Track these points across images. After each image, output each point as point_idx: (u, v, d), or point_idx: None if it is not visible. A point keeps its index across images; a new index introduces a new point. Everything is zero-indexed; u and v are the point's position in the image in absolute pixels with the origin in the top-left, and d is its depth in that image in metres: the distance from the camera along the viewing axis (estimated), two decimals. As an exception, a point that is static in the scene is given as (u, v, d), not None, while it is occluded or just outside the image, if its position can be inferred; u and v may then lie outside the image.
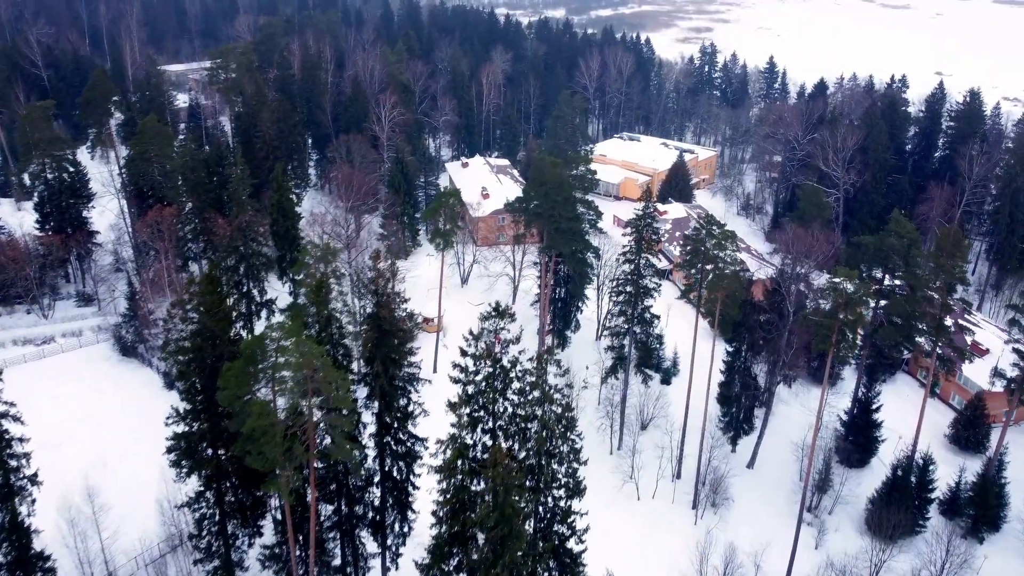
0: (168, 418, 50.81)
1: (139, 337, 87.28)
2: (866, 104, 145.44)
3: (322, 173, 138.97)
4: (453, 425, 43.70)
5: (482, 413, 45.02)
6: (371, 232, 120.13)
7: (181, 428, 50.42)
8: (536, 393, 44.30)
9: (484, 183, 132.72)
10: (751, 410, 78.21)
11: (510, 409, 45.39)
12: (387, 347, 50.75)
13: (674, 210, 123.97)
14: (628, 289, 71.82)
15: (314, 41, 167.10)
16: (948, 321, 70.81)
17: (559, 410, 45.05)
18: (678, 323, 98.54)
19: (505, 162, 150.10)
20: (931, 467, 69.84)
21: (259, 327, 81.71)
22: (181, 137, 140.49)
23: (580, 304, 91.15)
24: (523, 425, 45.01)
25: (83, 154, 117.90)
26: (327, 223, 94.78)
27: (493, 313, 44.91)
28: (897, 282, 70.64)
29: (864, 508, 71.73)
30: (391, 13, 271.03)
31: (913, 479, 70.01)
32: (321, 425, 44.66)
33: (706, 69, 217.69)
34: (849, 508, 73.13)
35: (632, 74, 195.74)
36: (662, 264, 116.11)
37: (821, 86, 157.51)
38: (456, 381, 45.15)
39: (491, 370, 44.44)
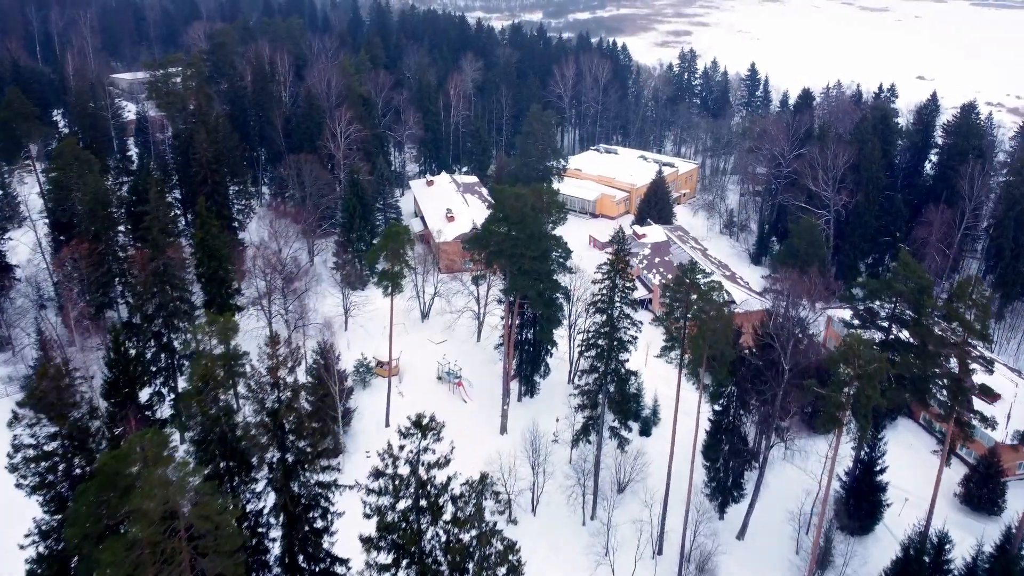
0: (27, 536, 40.95)
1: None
2: (854, 115, 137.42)
3: (276, 192, 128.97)
4: (368, 565, 34.27)
5: (402, 554, 35.52)
6: (326, 261, 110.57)
7: (43, 549, 40.62)
8: (472, 532, 34.90)
9: (449, 204, 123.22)
10: (741, 473, 69.25)
11: (439, 547, 35.87)
12: (293, 453, 41.08)
13: (653, 233, 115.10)
14: (601, 343, 62.62)
15: (270, 50, 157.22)
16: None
17: (501, 547, 35.70)
18: (658, 362, 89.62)
19: (473, 179, 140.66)
20: (947, 546, 61.12)
21: (182, 383, 71.83)
22: (126, 154, 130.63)
23: (549, 347, 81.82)
24: (457, 562, 35.55)
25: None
26: (270, 254, 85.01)
27: (413, 429, 35.43)
28: (905, 332, 61.98)
29: (871, 588, 63.09)
30: (360, 19, 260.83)
31: (927, 558, 61.28)
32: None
33: (685, 76, 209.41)
34: (854, 587, 64.51)
35: (609, 82, 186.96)
36: (639, 293, 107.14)
37: (806, 97, 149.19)
38: (368, 516, 35.63)
39: (413, 499, 34.91)
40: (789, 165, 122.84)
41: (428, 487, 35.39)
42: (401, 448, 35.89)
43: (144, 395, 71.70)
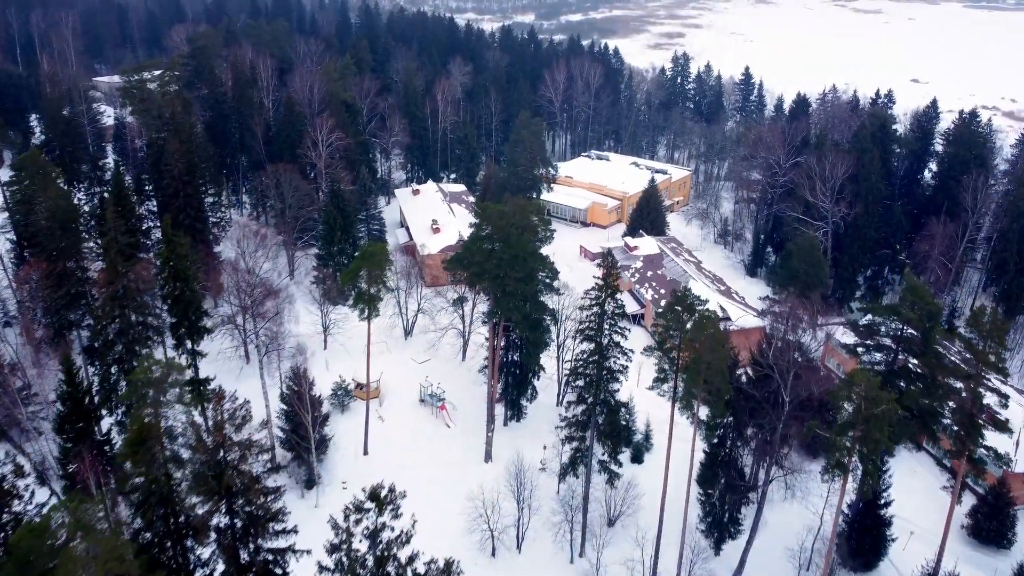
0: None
1: (11, 419, 72.88)
2: (851, 122, 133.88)
3: (257, 203, 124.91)
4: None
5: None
6: (307, 274, 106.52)
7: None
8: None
9: (435, 214, 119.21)
10: (738, 508, 65.44)
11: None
12: (242, 518, 37.06)
13: (645, 245, 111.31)
14: (589, 372, 58.71)
15: (253, 54, 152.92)
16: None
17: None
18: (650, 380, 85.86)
19: (461, 188, 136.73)
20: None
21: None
22: (98, 163, 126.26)
23: (536, 371, 77.87)
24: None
25: None
26: (239, 275, 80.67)
27: (369, 503, 31.40)
28: (913, 361, 58.25)
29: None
30: (348, 21, 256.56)
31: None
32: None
33: (679, 80, 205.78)
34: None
35: (600, 86, 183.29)
36: (631, 308, 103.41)
37: (802, 103, 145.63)
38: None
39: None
40: (785, 174, 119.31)
41: (387, 566, 31.42)
42: (357, 522, 31.76)
43: (107, 423, 68.03)
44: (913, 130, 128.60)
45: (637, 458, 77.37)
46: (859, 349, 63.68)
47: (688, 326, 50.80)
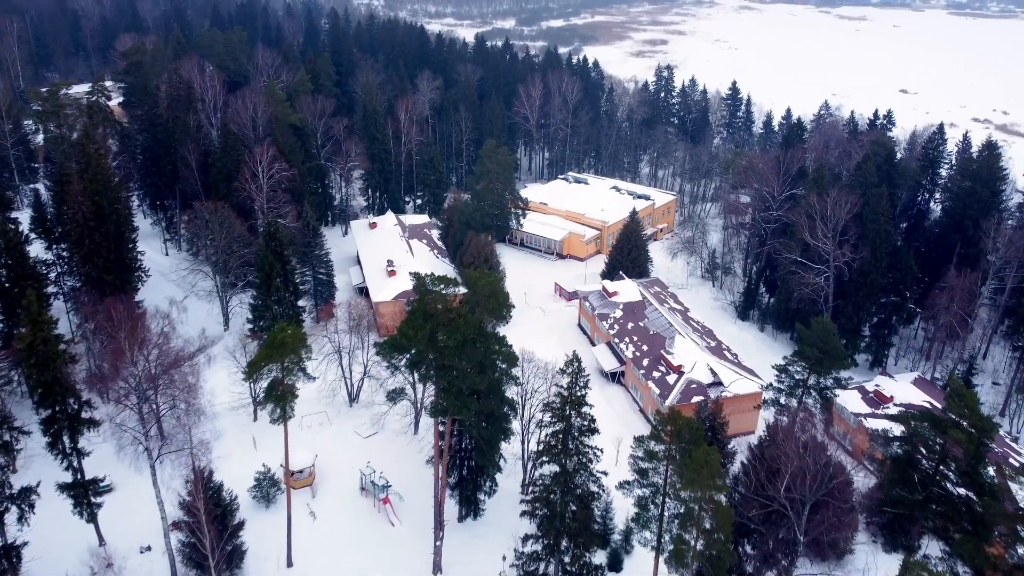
0: None
1: None
2: (850, 147, 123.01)
3: (194, 236, 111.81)
4: None
5: None
6: (244, 321, 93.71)
7: None
8: None
9: (392, 253, 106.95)
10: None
11: None
12: None
13: (626, 290, 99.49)
14: (553, 498, 46.66)
15: (201, 68, 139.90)
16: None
17: None
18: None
19: (423, 219, 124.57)
20: None
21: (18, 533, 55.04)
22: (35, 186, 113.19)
23: (493, 470, 65.37)
24: None
25: None
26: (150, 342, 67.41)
27: None
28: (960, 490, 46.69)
29: None
30: (316, 29, 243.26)
31: None
32: None
33: (662, 95, 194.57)
34: None
35: (579, 102, 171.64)
36: (610, 366, 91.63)
37: (797, 128, 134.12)
38: None
39: None
40: (780, 207, 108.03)
41: None
42: None
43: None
44: (919, 158, 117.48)
45: (615, 564, 65.32)
46: (889, 453, 51.87)
47: (680, 454, 38.88)
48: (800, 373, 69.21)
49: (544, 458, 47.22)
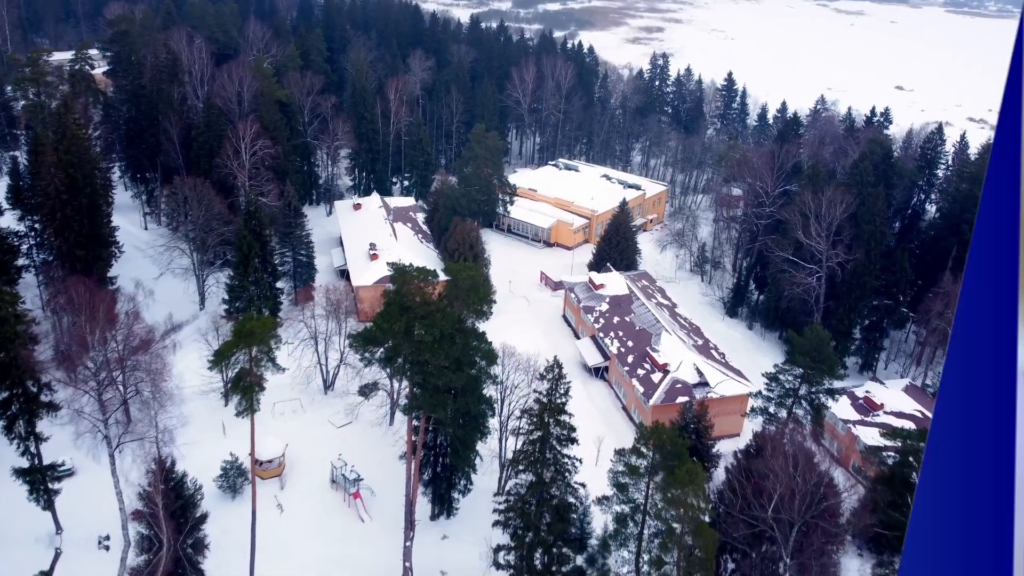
0: None
1: None
2: (847, 144, 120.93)
3: (173, 211, 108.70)
4: None
5: None
6: (220, 301, 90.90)
7: None
8: None
9: (375, 236, 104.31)
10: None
11: None
12: None
13: (613, 282, 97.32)
14: (528, 508, 44.61)
15: (189, 39, 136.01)
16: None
17: None
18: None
19: (409, 202, 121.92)
20: None
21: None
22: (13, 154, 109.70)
23: (468, 470, 63.23)
24: None
25: None
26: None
27: None
28: None
29: None
30: (310, 3, 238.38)
31: None
32: None
33: (657, 84, 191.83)
34: None
35: (572, 87, 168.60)
36: (595, 361, 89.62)
37: (792, 123, 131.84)
38: None
39: None
40: (773, 203, 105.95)
41: None
42: None
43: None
44: (916, 158, 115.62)
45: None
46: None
47: (663, 470, 36.83)
48: (791, 383, 67.27)
49: (520, 466, 45.08)
